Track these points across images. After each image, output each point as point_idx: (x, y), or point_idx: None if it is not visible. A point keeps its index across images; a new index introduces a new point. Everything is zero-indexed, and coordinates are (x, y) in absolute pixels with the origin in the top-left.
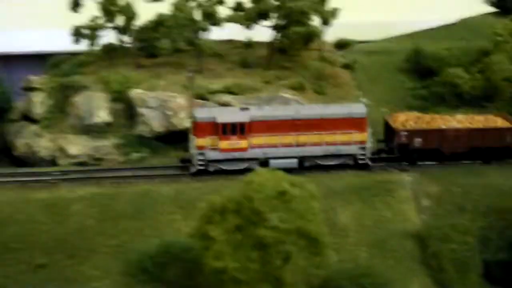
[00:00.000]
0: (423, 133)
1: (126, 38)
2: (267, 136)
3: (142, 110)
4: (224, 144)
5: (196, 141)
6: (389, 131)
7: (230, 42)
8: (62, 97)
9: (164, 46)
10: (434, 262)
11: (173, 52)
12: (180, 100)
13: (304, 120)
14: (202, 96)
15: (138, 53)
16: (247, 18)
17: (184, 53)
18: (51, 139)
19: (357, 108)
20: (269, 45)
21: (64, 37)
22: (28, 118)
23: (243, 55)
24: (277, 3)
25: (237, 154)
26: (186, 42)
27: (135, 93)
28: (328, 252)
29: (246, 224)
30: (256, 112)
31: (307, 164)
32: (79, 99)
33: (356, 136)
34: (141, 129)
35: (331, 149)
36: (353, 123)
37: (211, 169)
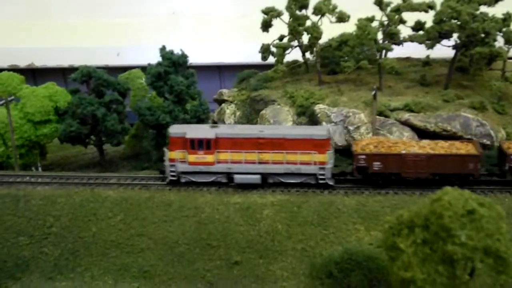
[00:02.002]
0: (382, 157)
1: (310, 56)
2: (232, 153)
3: (325, 125)
4: (191, 158)
5: (168, 154)
6: (351, 154)
7: (407, 59)
8: (251, 109)
9: (347, 65)
10: None
11: (354, 70)
12: (362, 116)
13: (267, 139)
14: (382, 113)
15: (320, 69)
16: (429, 37)
17: (363, 71)
18: None
19: (319, 130)
20: (449, 64)
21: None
22: None
23: (421, 73)
24: (459, 23)
25: (203, 168)
26: (368, 60)
27: (319, 108)
28: None
29: (434, 239)
30: (223, 130)
31: (270, 181)
32: (267, 112)
33: (317, 156)
34: None
35: (292, 168)
36: (314, 144)
37: (182, 180)
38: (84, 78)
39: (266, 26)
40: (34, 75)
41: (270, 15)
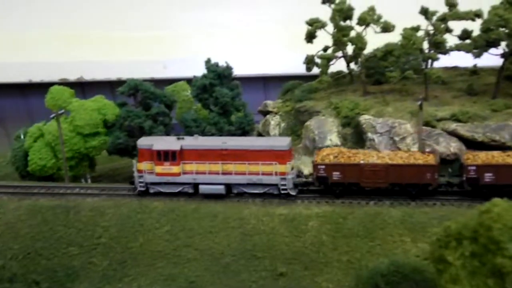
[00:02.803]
0: (341, 167)
1: (354, 66)
2: (197, 164)
3: (370, 135)
4: (158, 169)
5: (137, 165)
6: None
7: (454, 69)
8: (295, 120)
9: (392, 75)
10: None
11: (399, 80)
12: (407, 126)
13: (230, 151)
14: (428, 123)
15: (365, 80)
16: (476, 46)
17: (409, 80)
18: None
19: (280, 141)
20: (497, 72)
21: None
22: None
23: (468, 82)
24: (507, 31)
25: (170, 178)
26: (413, 70)
27: (364, 118)
28: None
29: (483, 252)
30: (188, 142)
31: (234, 191)
32: (311, 123)
33: (278, 167)
34: None
35: (254, 179)
36: (275, 155)
37: (151, 191)
38: (131, 91)
39: (310, 37)
40: (83, 88)
41: (314, 26)
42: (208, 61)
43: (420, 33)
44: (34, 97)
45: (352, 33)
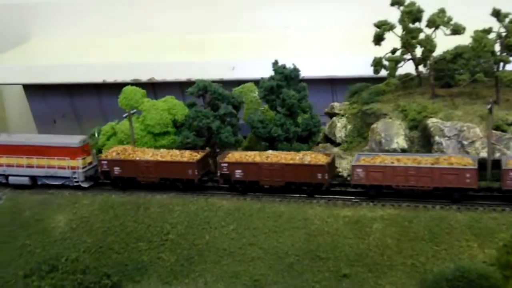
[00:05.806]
0: (120, 162)
1: (423, 69)
2: (7, 158)
3: (438, 139)
4: None
5: None
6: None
7: None
8: (362, 122)
9: (462, 78)
10: None
11: (469, 83)
12: (477, 130)
13: (31, 146)
14: (499, 127)
15: (434, 83)
16: None
17: (479, 84)
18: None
19: (72, 140)
20: None
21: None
22: (330, 140)
23: None
24: None
25: None
26: (484, 73)
27: (432, 122)
28: None
29: None
30: (1, 138)
31: (39, 182)
32: (378, 126)
33: (70, 162)
34: None
35: (51, 172)
36: (67, 151)
37: None
38: (200, 92)
39: (378, 39)
40: (155, 88)
41: (382, 28)
42: (275, 63)
43: (492, 36)
44: (108, 96)
45: (421, 35)
